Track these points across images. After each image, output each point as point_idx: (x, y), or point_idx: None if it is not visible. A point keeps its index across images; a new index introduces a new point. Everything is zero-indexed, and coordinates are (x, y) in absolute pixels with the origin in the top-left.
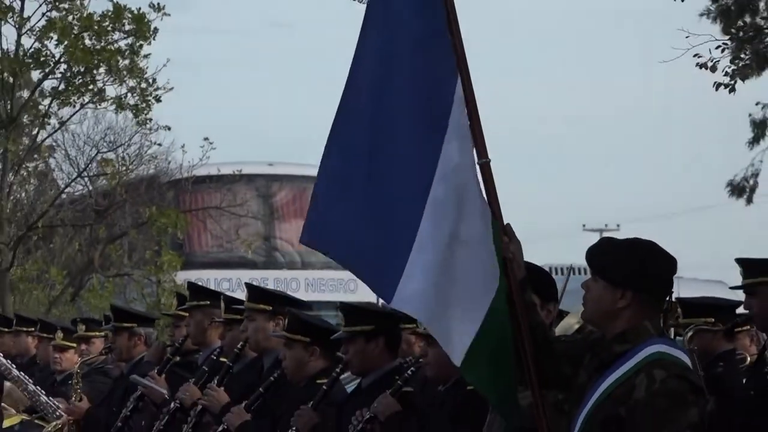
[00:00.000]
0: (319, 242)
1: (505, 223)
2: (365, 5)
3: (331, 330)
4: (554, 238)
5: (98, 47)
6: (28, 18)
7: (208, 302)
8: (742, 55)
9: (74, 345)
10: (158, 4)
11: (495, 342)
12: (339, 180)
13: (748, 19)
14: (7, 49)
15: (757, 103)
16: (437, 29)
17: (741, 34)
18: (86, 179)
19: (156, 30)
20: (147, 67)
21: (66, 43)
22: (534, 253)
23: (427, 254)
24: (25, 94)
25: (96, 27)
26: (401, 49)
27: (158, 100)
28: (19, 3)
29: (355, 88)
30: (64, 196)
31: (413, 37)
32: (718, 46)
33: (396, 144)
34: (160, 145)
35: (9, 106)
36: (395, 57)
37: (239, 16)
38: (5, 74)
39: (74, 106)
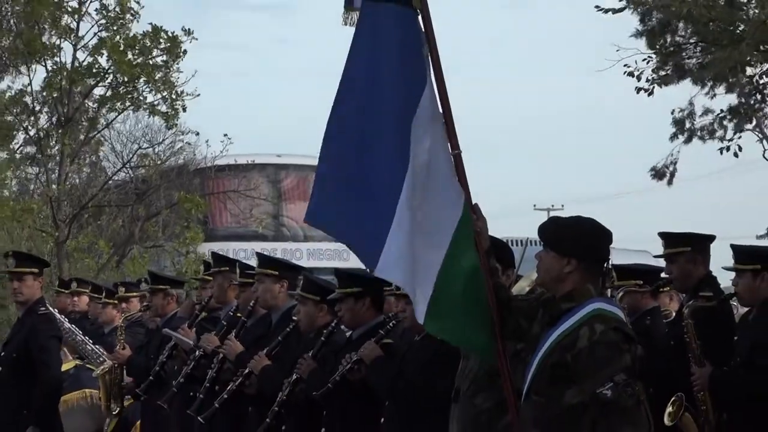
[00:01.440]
0: (318, 222)
1: (473, 203)
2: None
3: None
4: (510, 216)
5: (139, 61)
6: (82, 36)
7: (227, 268)
8: (666, 67)
9: (113, 302)
10: (189, 29)
11: (457, 299)
12: (337, 165)
13: (669, 38)
14: (65, 62)
15: (672, 111)
16: (414, 40)
17: (663, 50)
18: (128, 168)
19: (185, 51)
20: (178, 80)
21: (115, 57)
22: (493, 229)
23: (403, 229)
24: (78, 98)
25: (138, 46)
26: (385, 55)
27: (185, 109)
28: (75, 24)
29: (347, 88)
30: (110, 182)
31: (394, 47)
32: (644, 59)
33: (381, 136)
34: (190, 144)
35: (66, 109)
36: (380, 61)
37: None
38: (64, 83)
39: (119, 111)
